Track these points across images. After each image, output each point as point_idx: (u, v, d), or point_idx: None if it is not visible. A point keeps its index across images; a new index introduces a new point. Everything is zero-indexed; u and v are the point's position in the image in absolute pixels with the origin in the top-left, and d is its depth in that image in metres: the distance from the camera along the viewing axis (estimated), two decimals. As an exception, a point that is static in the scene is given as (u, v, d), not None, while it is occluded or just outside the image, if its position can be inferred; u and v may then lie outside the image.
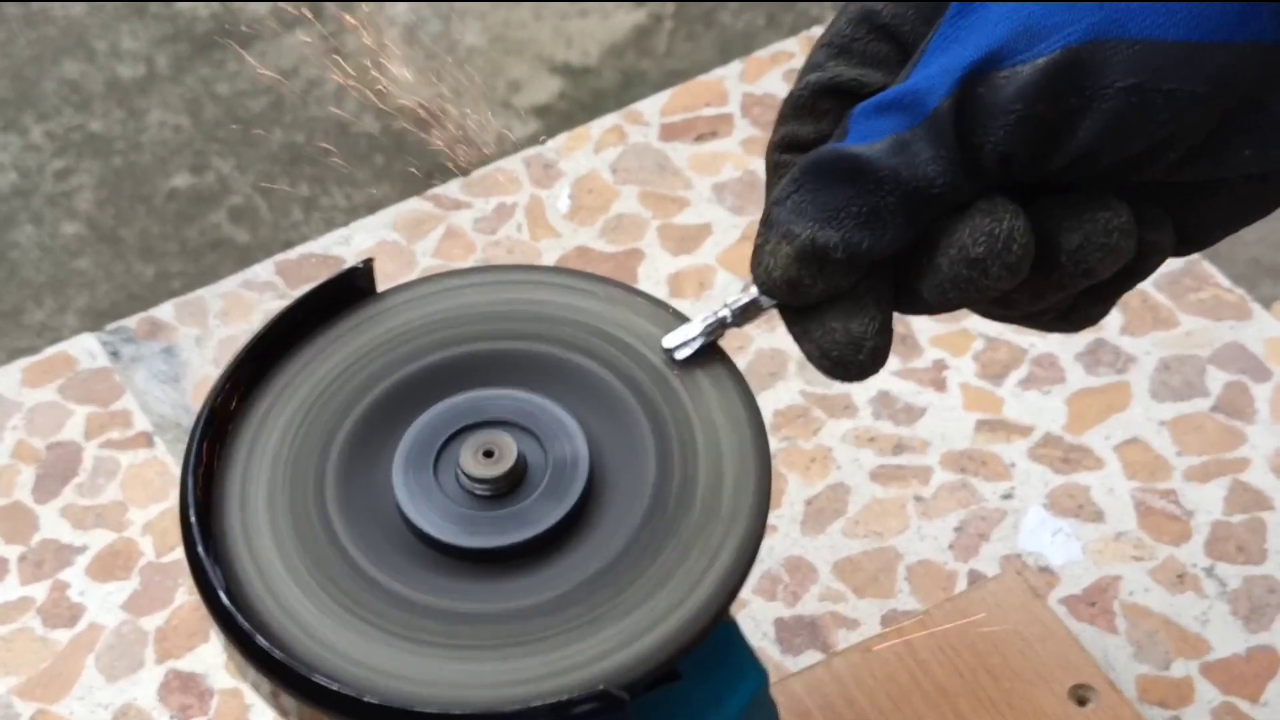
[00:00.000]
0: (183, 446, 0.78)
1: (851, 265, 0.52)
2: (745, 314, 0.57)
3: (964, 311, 0.55)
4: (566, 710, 0.51)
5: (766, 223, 0.54)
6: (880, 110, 0.52)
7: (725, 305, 0.57)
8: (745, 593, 0.76)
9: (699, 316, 0.59)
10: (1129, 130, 0.50)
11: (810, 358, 0.55)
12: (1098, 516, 0.82)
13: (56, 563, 0.83)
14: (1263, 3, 0.49)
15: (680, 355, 0.59)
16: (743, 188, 0.96)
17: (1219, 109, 0.50)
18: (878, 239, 0.52)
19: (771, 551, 0.81)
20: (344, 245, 0.95)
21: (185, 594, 0.81)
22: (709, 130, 0.99)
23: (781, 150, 0.56)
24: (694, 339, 0.59)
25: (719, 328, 0.58)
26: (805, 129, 0.55)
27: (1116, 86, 0.49)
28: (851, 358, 0.54)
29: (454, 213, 0.96)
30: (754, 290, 0.56)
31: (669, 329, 0.60)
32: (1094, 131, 0.50)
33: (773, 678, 0.66)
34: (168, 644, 0.80)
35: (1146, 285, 0.90)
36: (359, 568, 0.56)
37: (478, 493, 0.57)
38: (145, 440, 0.87)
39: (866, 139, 0.52)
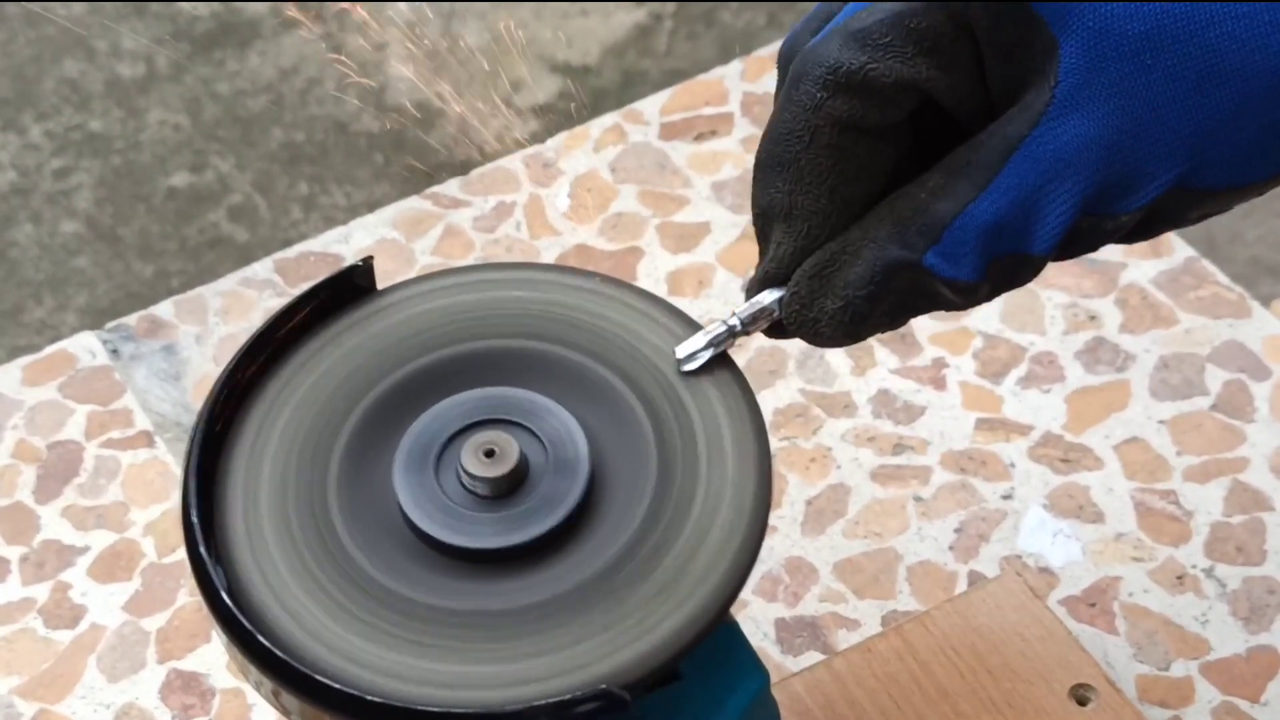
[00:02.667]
0: (184, 446, 0.78)
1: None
2: (755, 320, 0.57)
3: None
4: (568, 710, 0.51)
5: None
6: (984, 234, 0.53)
7: (734, 314, 0.57)
8: (746, 593, 0.76)
9: (707, 328, 0.59)
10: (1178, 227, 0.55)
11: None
12: (1098, 517, 0.82)
13: (58, 563, 0.83)
14: None
15: (689, 367, 0.59)
16: (742, 186, 0.96)
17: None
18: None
19: (772, 552, 0.81)
20: (343, 243, 0.95)
21: (187, 595, 0.81)
22: (709, 129, 0.99)
23: (841, 129, 0.54)
24: (701, 350, 0.59)
25: (728, 337, 0.58)
26: (872, 114, 0.54)
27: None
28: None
29: (453, 211, 0.96)
30: (763, 297, 0.56)
31: (671, 329, 0.60)
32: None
33: (773, 678, 0.66)
34: (169, 644, 0.80)
35: (1146, 283, 0.90)
36: (360, 567, 0.56)
37: (479, 493, 0.57)
38: (146, 440, 0.87)
39: (965, 272, 0.53)
